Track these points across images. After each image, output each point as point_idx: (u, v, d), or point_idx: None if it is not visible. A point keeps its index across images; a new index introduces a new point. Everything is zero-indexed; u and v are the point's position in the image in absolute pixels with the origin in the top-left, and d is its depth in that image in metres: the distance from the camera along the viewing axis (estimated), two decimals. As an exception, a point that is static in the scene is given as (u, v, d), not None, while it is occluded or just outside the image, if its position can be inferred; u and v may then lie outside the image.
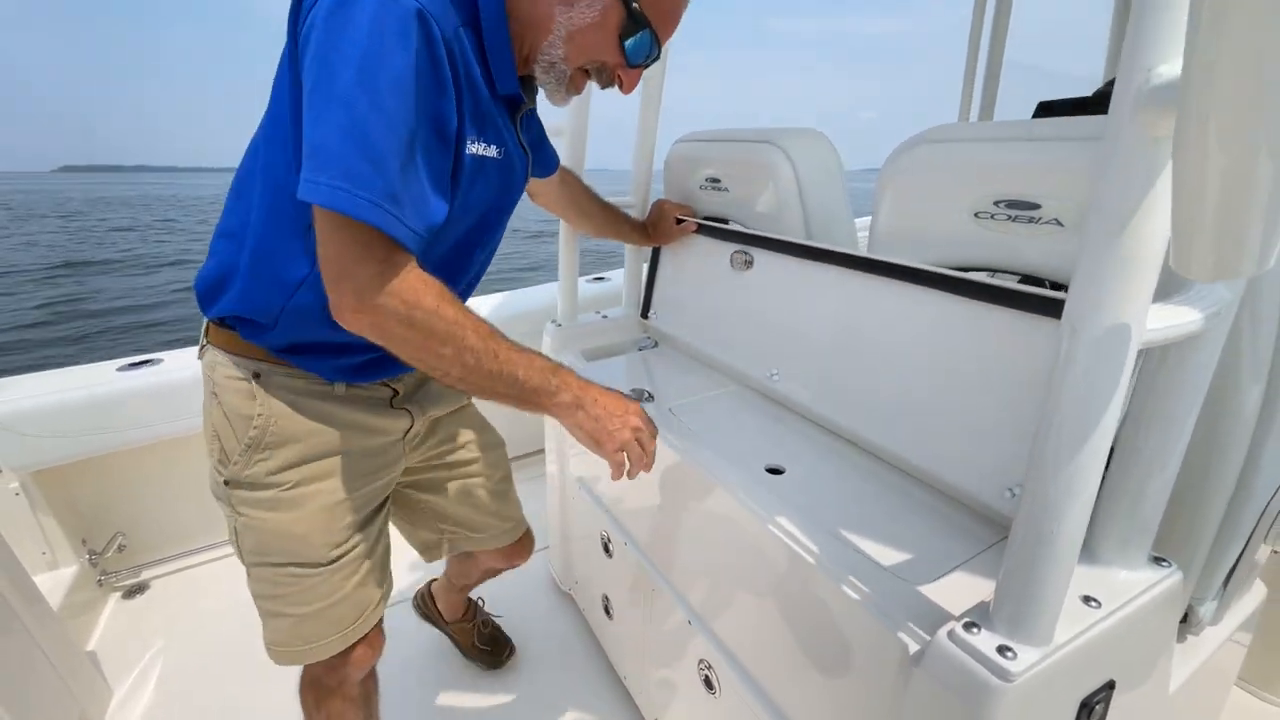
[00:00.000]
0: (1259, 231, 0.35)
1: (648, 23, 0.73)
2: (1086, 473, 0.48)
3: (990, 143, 0.75)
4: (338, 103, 0.59)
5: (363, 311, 0.64)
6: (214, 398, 0.82)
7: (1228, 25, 0.30)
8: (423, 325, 0.66)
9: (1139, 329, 0.44)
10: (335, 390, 0.84)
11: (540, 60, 0.75)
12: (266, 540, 0.84)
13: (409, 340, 0.67)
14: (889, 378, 0.88)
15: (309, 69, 0.62)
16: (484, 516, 1.12)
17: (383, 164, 0.61)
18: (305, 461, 0.82)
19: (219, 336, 0.82)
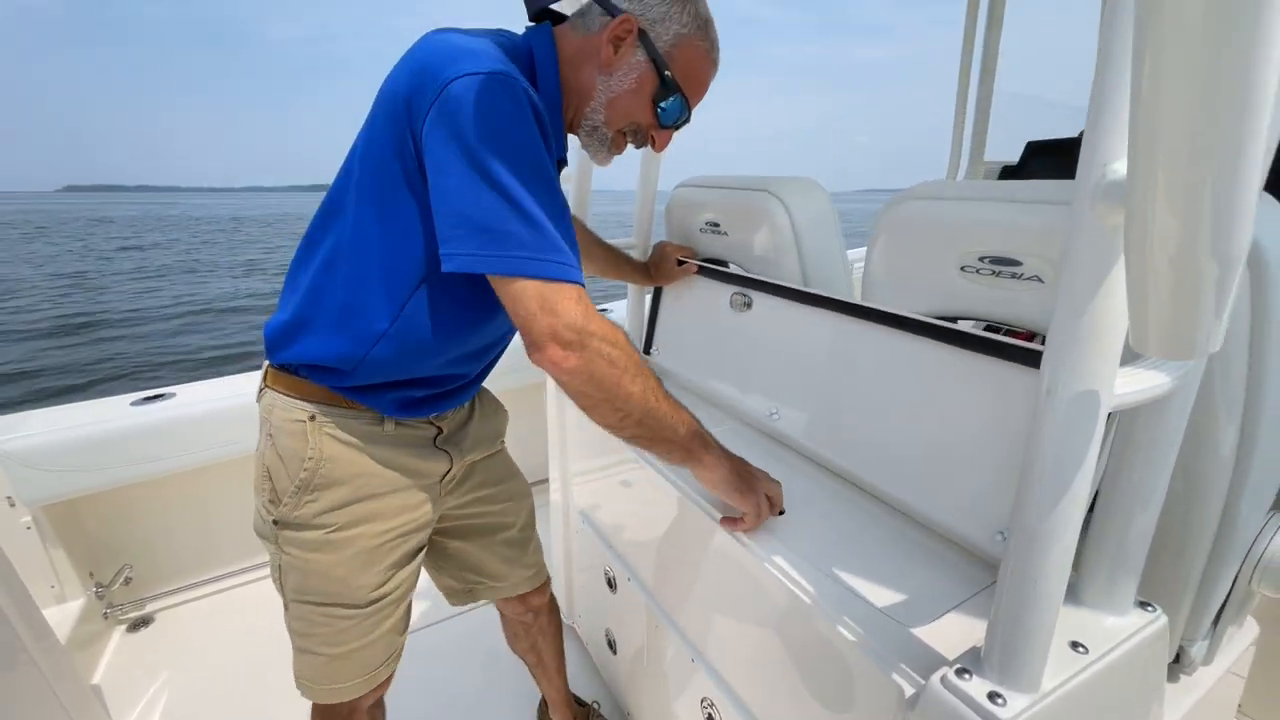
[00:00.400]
0: (1206, 318, 0.38)
1: (679, 88, 0.80)
2: (1066, 524, 0.51)
3: (973, 202, 0.79)
4: (488, 183, 0.67)
5: (570, 350, 0.70)
6: (269, 439, 0.86)
7: (1161, 135, 0.33)
8: (620, 361, 0.73)
9: (1108, 394, 0.47)
10: (385, 430, 0.88)
11: (584, 125, 0.83)
12: (309, 580, 0.87)
13: (606, 379, 0.72)
14: (883, 421, 0.91)
15: (445, 155, 0.68)
16: (508, 566, 1.15)
17: (541, 225, 0.69)
18: (351, 504, 0.86)
19: (280, 381, 0.86)
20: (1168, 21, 0.30)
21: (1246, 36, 0.29)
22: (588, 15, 0.81)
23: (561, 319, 0.69)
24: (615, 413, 0.74)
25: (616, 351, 0.73)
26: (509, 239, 0.67)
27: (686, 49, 0.80)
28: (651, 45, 0.78)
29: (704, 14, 0.81)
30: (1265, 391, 0.66)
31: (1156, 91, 0.32)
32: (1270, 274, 0.61)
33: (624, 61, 0.78)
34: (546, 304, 0.69)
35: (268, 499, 0.87)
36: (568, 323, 0.69)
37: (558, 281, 0.69)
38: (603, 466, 1.33)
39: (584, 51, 0.80)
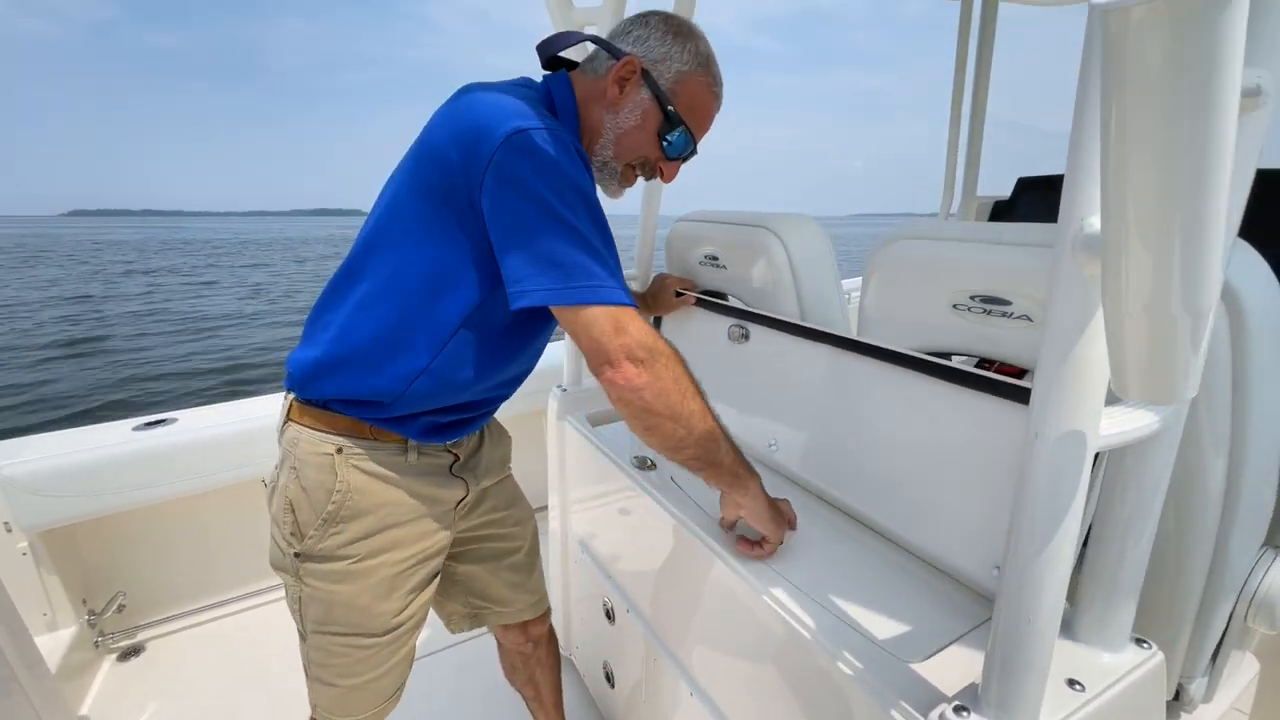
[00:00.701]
0: (1182, 365, 0.40)
1: (682, 122, 0.86)
2: (1057, 563, 0.52)
3: (963, 243, 0.82)
4: (554, 223, 0.72)
5: (643, 367, 0.74)
6: (293, 472, 0.86)
7: (1129, 196, 0.36)
8: (683, 380, 0.78)
9: (1094, 436, 0.49)
10: (408, 460, 0.90)
11: (595, 160, 0.88)
12: (333, 611, 0.89)
13: (673, 395, 0.76)
14: (880, 454, 0.93)
15: (513, 202, 0.72)
16: (513, 592, 1.17)
17: (604, 257, 0.74)
18: (374, 534, 0.88)
19: (307, 415, 0.87)
20: (1131, 90, 0.32)
21: (1203, 109, 0.31)
22: (595, 60, 0.87)
23: (634, 338, 0.74)
24: (678, 430, 0.77)
25: (681, 370, 0.78)
26: (578, 272, 0.72)
27: (689, 85, 0.85)
28: (654, 83, 0.83)
29: (704, 51, 0.86)
30: (1249, 428, 0.68)
31: (1124, 156, 0.35)
32: (1248, 318, 0.63)
33: (629, 100, 0.84)
34: (619, 326, 0.74)
35: (289, 532, 0.87)
36: (639, 341, 0.74)
37: (623, 306, 0.74)
38: (602, 494, 1.33)
39: (593, 93, 0.85)
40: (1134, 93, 0.32)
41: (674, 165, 0.91)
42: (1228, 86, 0.31)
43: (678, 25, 0.85)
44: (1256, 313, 0.63)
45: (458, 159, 0.74)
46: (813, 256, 1.16)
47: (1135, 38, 0.30)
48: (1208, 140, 0.32)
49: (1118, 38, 0.31)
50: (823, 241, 1.17)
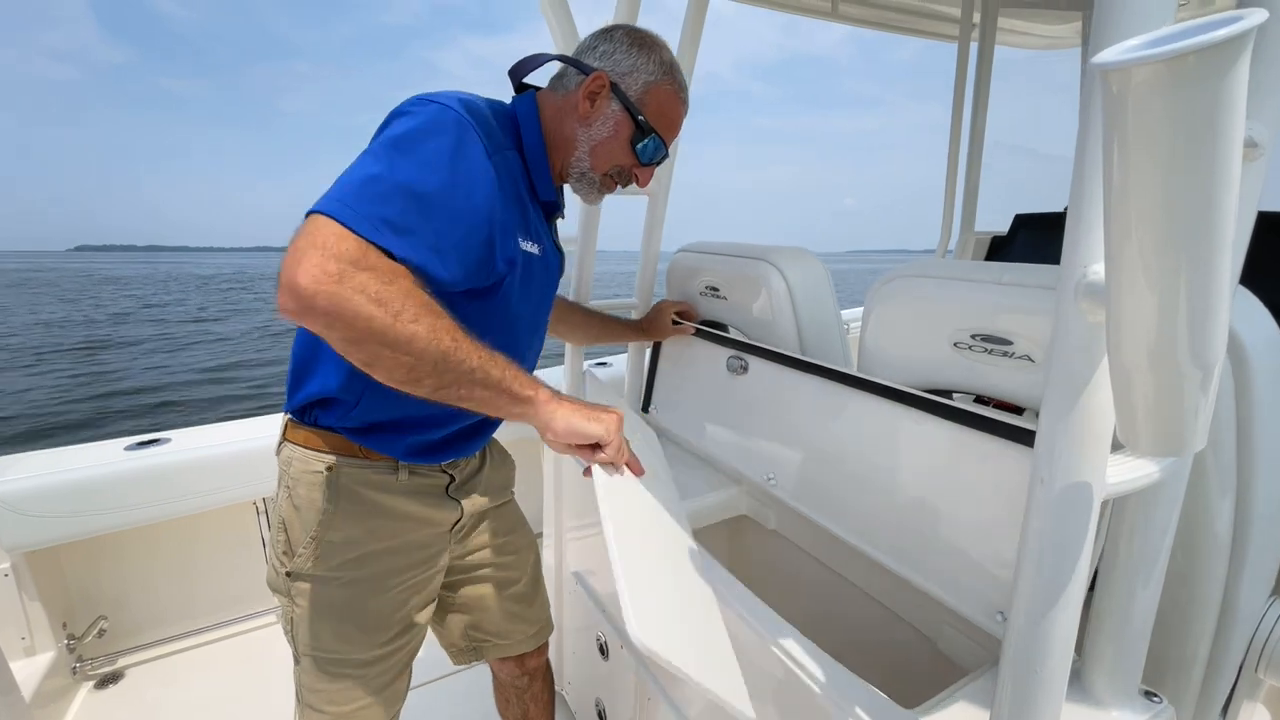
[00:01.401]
0: (1190, 417, 0.40)
1: (653, 129, 0.88)
2: (1064, 613, 0.50)
3: (963, 282, 0.83)
4: (368, 156, 0.68)
5: (322, 284, 0.58)
6: (287, 490, 0.87)
7: (1133, 246, 0.36)
8: (391, 300, 0.61)
9: (1100, 484, 0.48)
10: (400, 479, 0.89)
11: (572, 172, 0.90)
12: (321, 634, 0.88)
13: (372, 318, 0.60)
14: (881, 492, 0.92)
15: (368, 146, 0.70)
16: (512, 623, 1.14)
17: (395, 196, 0.64)
18: (364, 553, 0.87)
19: (298, 433, 0.88)
20: (1133, 145, 0.33)
21: (1207, 164, 0.32)
22: (565, 78, 0.89)
23: (330, 250, 0.59)
24: (399, 359, 0.63)
25: (391, 291, 0.61)
26: (344, 190, 0.63)
27: (656, 93, 0.87)
28: (624, 95, 0.85)
29: (668, 60, 0.89)
30: (1255, 474, 0.67)
31: (1127, 208, 0.35)
32: (1251, 365, 0.63)
33: (600, 112, 0.86)
34: (319, 239, 0.59)
35: (282, 551, 0.88)
36: (335, 253, 0.59)
37: (344, 227, 0.60)
38: (597, 523, 1.31)
39: (564, 109, 0.87)
40: (1136, 148, 0.32)
41: (648, 170, 0.92)
42: (1231, 142, 0.31)
43: (640, 37, 0.88)
44: (1258, 357, 0.63)
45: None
46: (812, 289, 1.17)
47: (1137, 96, 0.31)
48: (1211, 194, 0.32)
49: (1119, 96, 0.31)
50: (821, 274, 1.18)
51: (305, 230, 0.61)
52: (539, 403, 0.74)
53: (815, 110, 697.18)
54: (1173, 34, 0.30)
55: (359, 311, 0.60)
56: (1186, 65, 0.29)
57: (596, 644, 1.31)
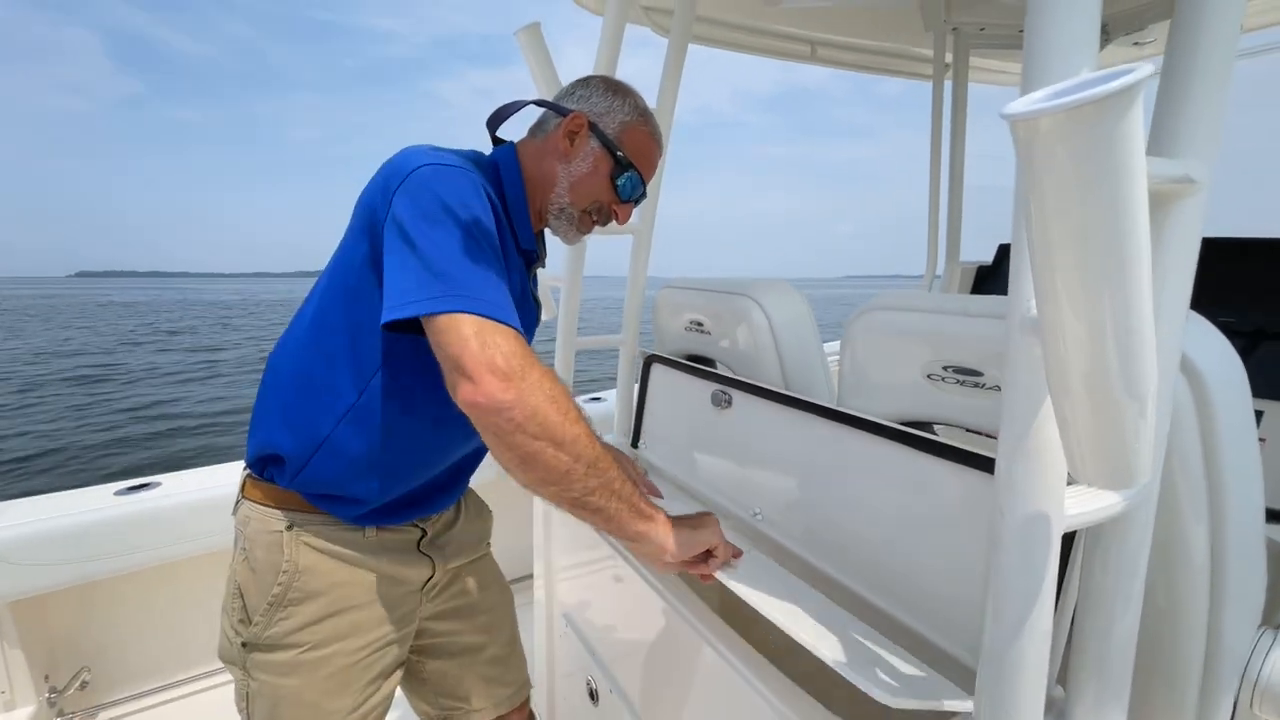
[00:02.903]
0: (1132, 447, 0.40)
1: (631, 164, 0.90)
2: (1034, 644, 0.50)
3: (934, 314, 0.84)
4: (434, 238, 0.69)
5: (510, 382, 0.64)
6: (243, 553, 0.83)
7: (1058, 279, 0.37)
8: (562, 401, 0.67)
9: (1059, 516, 0.48)
10: (366, 537, 0.85)
11: (551, 209, 0.90)
12: (280, 709, 0.82)
13: (549, 416, 0.65)
14: (864, 526, 0.91)
15: (402, 220, 0.71)
16: (489, 687, 1.09)
17: (481, 275, 0.69)
18: (326, 618, 0.82)
19: (255, 490, 0.84)
20: (1047, 189, 0.34)
21: (1115, 205, 0.33)
22: (545, 122, 0.92)
23: (501, 351, 0.65)
24: (561, 457, 0.66)
25: (557, 389, 0.67)
26: (443, 281, 0.67)
27: (632, 133, 0.90)
28: (602, 133, 0.88)
29: (642, 105, 0.93)
30: (1227, 501, 0.67)
31: (1047, 246, 0.36)
32: (1209, 388, 0.64)
33: (580, 150, 0.88)
34: (482, 335, 0.65)
35: (237, 619, 0.83)
36: (507, 352, 0.65)
37: (493, 320, 0.67)
38: (588, 563, 1.30)
39: (544, 150, 0.90)
40: (1048, 190, 0.34)
41: (627, 207, 0.94)
42: (1134, 182, 0.33)
43: (615, 84, 0.92)
44: (1216, 382, 0.64)
45: (375, 201, 0.76)
46: (792, 321, 1.18)
47: (1043, 144, 0.32)
48: (1120, 230, 0.34)
49: (1027, 144, 0.33)
50: (801, 306, 1.20)
51: (455, 332, 0.65)
52: (659, 523, 0.75)
53: (810, 139, 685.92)
54: (1073, 85, 0.32)
55: (542, 412, 0.65)
56: (1084, 114, 0.31)
57: (587, 689, 1.28)
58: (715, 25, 1.73)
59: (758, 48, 1.85)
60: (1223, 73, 0.49)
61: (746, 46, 1.83)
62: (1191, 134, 0.49)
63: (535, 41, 1.24)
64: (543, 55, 1.24)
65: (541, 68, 1.24)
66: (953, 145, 2.18)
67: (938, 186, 2.22)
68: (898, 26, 1.89)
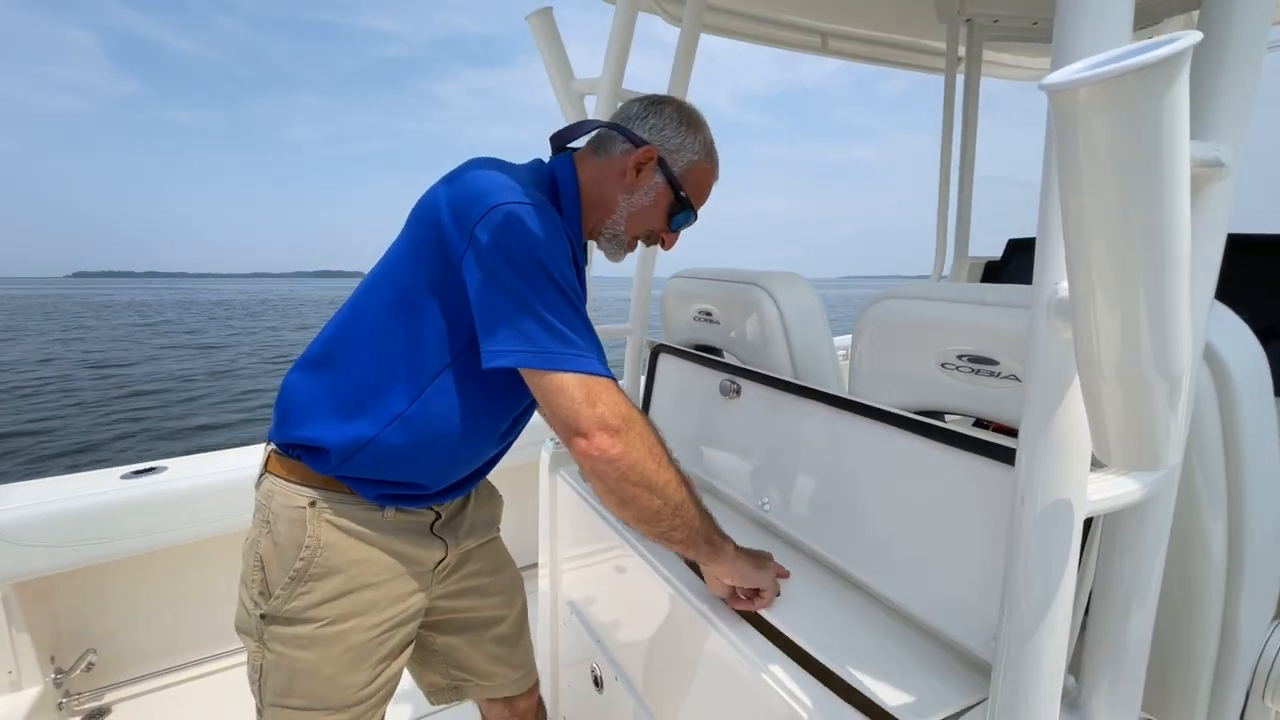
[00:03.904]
0: (1161, 430, 0.40)
1: (690, 204, 0.93)
2: (1053, 632, 0.49)
3: (949, 303, 0.83)
4: (527, 294, 0.74)
5: (618, 438, 0.73)
6: (266, 526, 0.85)
7: (1092, 260, 0.36)
8: (657, 450, 0.77)
9: (1081, 502, 0.47)
10: (385, 516, 0.88)
11: (605, 232, 0.94)
12: (294, 681, 0.84)
13: (647, 466, 0.75)
14: (874, 516, 0.91)
15: (490, 267, 0.75)
16: (496, 665, 1.11)
17: (572, 332, 0.75)
18: (345, 594, 0.84)
19: (281, 466, 0.86)
20: (1083, 163, 0.34)
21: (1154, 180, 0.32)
22: (608, 142, 0.91)
23: (609, 408, 0.73)
24: (654, 501, 0.76)
25: (654, 439, 0.77)
26: (551, 339, 0.74)
27: (697, 171, 0.92)
28: (669, 170, 0.90)
29: (709, 139, 0.94)
30: (1246, 493, 0.66)
31: (1081, 225, 0.35)
32: (1232, 378, 0.63)
33: (645, 183, 0.90)
34: (591, 395, 0.73)
35: (258, 591, 0.84)
36: (614, 411, 0.73)
37: (597, 375, 0.74)
38: (593, 553, 1.29)
39: (606, 173, 0.90)
40: (1086, 166, 0.33)
41: (675, 235, 0.97)
42: (1177, 159, 0.32)
43: (688, 115, 0.92)
44: (1240, 373, 0.63)
45: (448, 222, 0.78)
46: (803, 313, 1.17)
47: (1083, 115, 0.32)
48: (1161, 209, 0.33)
49: (1066, 115, 0.32)
50: (813, 298, 1.19)
51: (565, 394, 0.73)
52: (726, 554, 0.83)
53: (811, 140, 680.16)
54: (1115, 55, 0.31)
55: (643, 463, 0.75)
56: (1125, 84, 0.30)
57: (591, 676, 1.28)
58: (727, 15, 1.72)
59: (769, 38, 1.84)
60: (1256, 53, 0.48)
61: (758, 37, 1.82)
62: (1223, 116, 0.49)
63: (547, 26, 1.23)
64: (554, 40, 1.23)
65: (553, 53, 1.23)
66: (963, 140, 2.16)
67: (947, 181, 2.20)
68: (910, 18, 1.87)
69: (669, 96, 0.95)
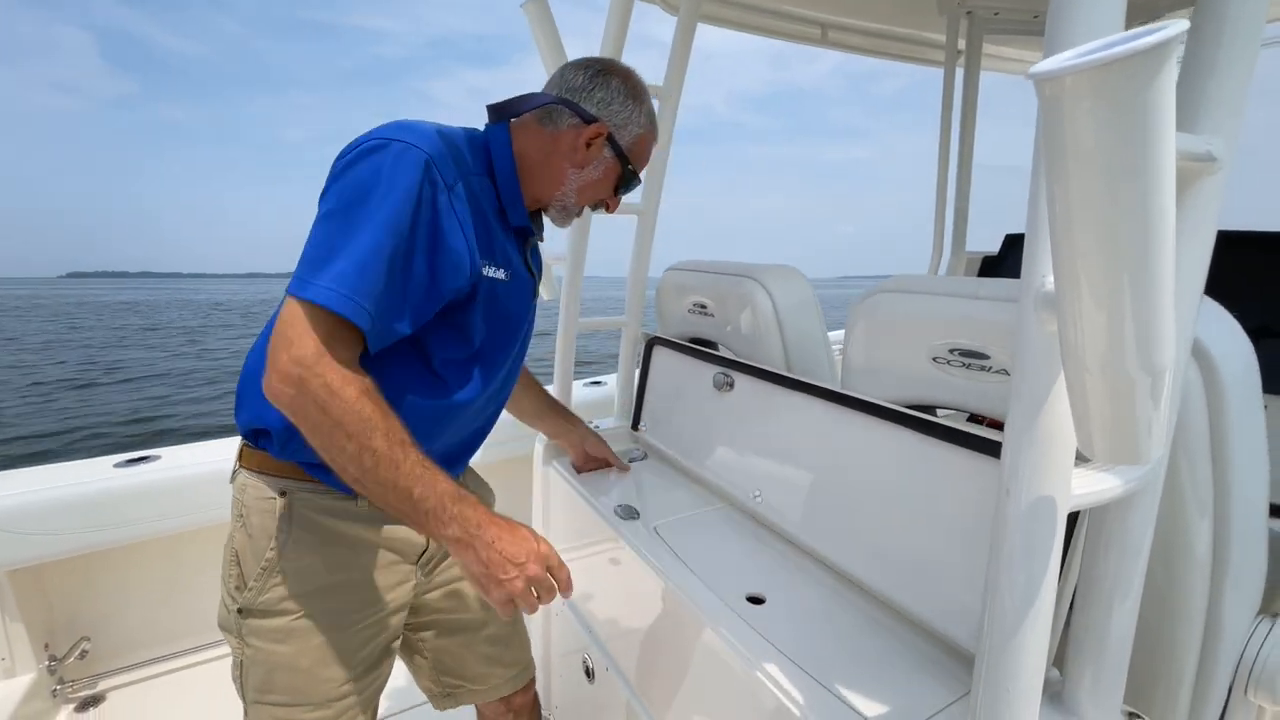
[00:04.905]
0: (1145, 424, 0.40)
1: (636, 174, 0.97)
2: (1035, 625, 0.49)
3: (942, 297, 0.83)
4: (328, 218, 0.71)
5: (287, 385, 0.67)
6: (240, 519, 0.84)
7: (1077, 253, 0.36)
8: (335, 413, 0.67)
9: (1065, 496, 0.48)
10: (359, 506, 0.85)
11: (555, 203, 0.94)
12: (273, 676, 0.83)
13: (319, 425, 0.68)
14: (865, 509, 0.91)
15: (322, 199, 0.74)
16: (490, 666, 1.09)
17: (339, 257, 0.69)
18: (318, 587, 0.83)
19: (251, 459, 0.85)
20: (1069, 153, 0.33)
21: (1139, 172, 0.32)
22: (556, 115, 0.90)
23: (293, 350, 0.67)
24: (330, 460, 0.70)
25: (336, 402, 0.67)
26: (306, 262, 0.70)
27: (642, 141, 0.95)
28: (617, 145, 0.91)
29: (651, 108, 0.96)
30: (1231, 488, 0.67)
31: (1068, 217, 0.35)
32: (1220, 373, 0.63)
33: (594, 157, 0.91)
34: (290, 329, 0.67)
35: (234, 585, 0.84)
36: (295, 355, 0.66)
37: (317, 306, 0.67)
38: (585, 545, 1.30)
39: (555, 145, 0.89)
40: (1072, 156, 0.33)
41: (618, 198, 1.00)
42: (1162, 151, 0.32)
43: (633, 86, 0.92)
44: (1228, 368, 0.63)
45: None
46: (797, 306, 1.17)
47: (1069, 104, 0.31)
48: (1147, 201, 0.33)
49: (1052, 104, 0.32)
50: (807, 292, 1.19)
51: (281, 316, 0.69)
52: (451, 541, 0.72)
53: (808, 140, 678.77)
54: (1101, 44, 0.31)
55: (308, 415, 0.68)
56: (1111, 73, 0.30)
57: (583, 667, 1.29)
58: (725, 5, 1.70)
59: (768, 29, 1.82)
60: (1250, 47, 0.48)
61: (757, 27, 1.80)
62: (1216, 110, 0.48)
63: (542, 13, 1.22)
64: (550, 28, 1.22)
65: (548, 41, 1.22)
66: (962, 134, 2.16)
67: (945, 175, 2.20)
68: (911, 9, 1.86)
69: (613, 64, 0.93)
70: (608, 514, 1.17)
